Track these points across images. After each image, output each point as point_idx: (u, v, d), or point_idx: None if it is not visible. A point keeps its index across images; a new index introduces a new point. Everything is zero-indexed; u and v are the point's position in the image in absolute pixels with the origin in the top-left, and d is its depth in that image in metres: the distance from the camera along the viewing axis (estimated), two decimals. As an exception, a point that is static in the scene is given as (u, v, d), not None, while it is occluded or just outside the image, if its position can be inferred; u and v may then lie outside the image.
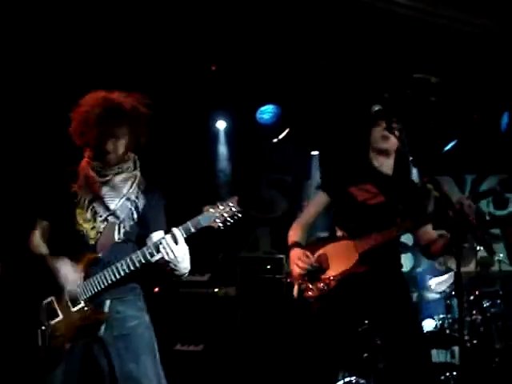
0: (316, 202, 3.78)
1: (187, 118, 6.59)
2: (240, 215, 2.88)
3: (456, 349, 5.59)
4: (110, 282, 2.89)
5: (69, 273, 2.93)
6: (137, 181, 3.13)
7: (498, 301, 5.73)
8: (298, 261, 3.48)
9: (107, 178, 3.06)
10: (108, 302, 2.96)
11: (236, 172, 7.38)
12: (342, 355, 3.93)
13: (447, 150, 7.65)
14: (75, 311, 2.90)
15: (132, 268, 2.88)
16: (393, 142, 3.53)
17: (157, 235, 3.06)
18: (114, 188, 3.06)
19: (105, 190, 3.05)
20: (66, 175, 3.14)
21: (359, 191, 3.55)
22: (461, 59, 6.16)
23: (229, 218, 2.86)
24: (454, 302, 5.61)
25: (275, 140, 7.06)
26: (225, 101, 6.70)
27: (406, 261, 7.99)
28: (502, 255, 6.22)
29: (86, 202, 3.05)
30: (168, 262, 2.85)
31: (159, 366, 3.02)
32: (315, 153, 7.67)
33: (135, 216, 3.07)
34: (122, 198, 3.06)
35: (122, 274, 2.88)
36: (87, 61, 5.60)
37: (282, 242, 3.94)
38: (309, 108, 6.55)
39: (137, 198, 3.09)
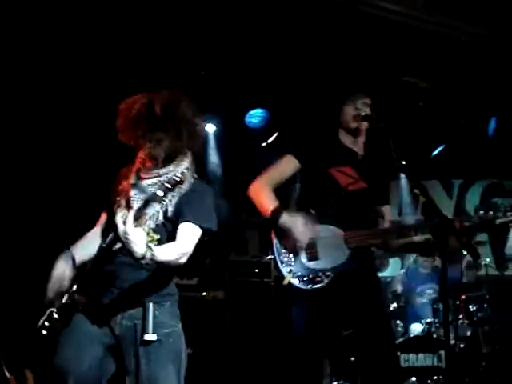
0: (284, 165, 3.46)
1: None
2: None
3: (443, 353, 5.61)
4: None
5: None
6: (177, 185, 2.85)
7: (485, 305, 5.77)
8: (306, 227, 3.16)
9: (137, 180, 2.98)
10: (151, 305, 2.86)
11: (225, 176, 7.38)
12: (330, 359, 3.83)
13: (435, 155, 7.71)
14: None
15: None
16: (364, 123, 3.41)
17: (182, 227, 2.85)
18: (141, 190, 2.93)
19: (132, 192, 2.95)
20: (118, 177, 3.09)
21: (340, 174, 3.35)
22: (449, 65, 6.22)
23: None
24: (441, 305, 5.63)
25: (264, 144, 7.06)
26: (214, 105, 6.70)
27: (394, 264, 8.02)
28: (488, 259, 6.26)
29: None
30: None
31: (182, 379, 2.93)
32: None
33: (161, 217, 2.89)
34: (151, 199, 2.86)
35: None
36: (79, 63, 5.60)
37: (270, 246, 3.58)
38: (298, 113, 6.57)
39: (170, 200, 2.88)
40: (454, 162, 7.75)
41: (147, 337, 2.83)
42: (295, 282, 3.21)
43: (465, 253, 5.80)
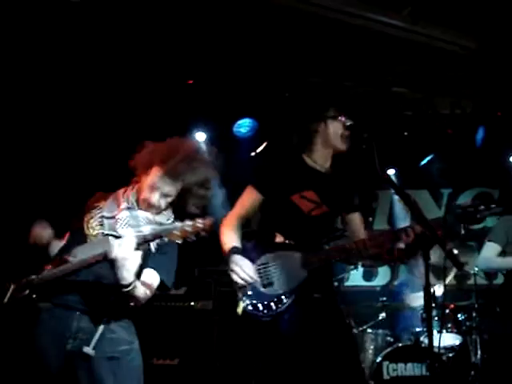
0: (249, 198, 3.44)
1: (165, 131, 6.56)
2: (205, 234, 2.74)
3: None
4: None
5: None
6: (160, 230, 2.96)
7: (474, 314, 5.76)
8: (245, 270, 3.17)
9: (135, 207, 3.03)
10: (105, 320, 2.89)
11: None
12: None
13: (424, 164, 7.73)
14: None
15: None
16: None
17: (148, 271, 2.97)
18: (134, 218, 3.00)
19: (124, 214, 3.00)
20: (98, 196, 3.16)
21: (302, 201, 3.33)
22: (436, 75, 6.25)
23: (193, 235, 2.75)
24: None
25: (253, 154, 7.06)
26: (202, 114, 6.71)
27: (383, 274, 8.03)
28: (477, 268, 6.26)
29: (99, 215, 3.03)
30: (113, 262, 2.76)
31: None
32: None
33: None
34: (137, 232, 2.95)
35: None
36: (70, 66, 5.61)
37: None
38: (286, 122, 6.58)
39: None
40: (443, 172, 7.77)
41: (85, 349, 2.82)
42: (250, 309, 3.19)
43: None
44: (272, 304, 3.14)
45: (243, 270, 3.17)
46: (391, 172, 7.55)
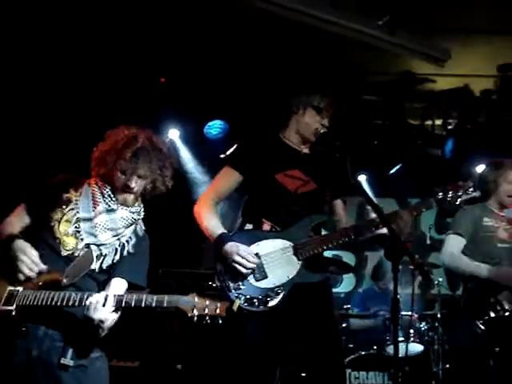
0: (226, 179, 3.36)
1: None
2: (221, 322, 2.62)
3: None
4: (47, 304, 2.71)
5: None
6: (137, 227, 3.02)
7: (436, 324, 5.80)
8: (246, 257, 3.03)
9: (113, 208, 2.93)
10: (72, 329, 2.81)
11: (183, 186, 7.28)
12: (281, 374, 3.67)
13: (392, 174, 7.79)
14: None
15: (64, 304, 2.71)
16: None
17: (116, 282, 2.92)
18: (113, 221, 2.92)
19: (103, 218, 2.93)
20: (63, 180, 3.02)
21: (287, 179, 3.25)
22: (411, 86, 6.30)
23: (208, 318, 2.62)
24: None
25: (223, 156, 7.02)
26: (173, 115, 6.68)
27: (348, 281, 8.05)
28: (441, 279, 6.30)
29: (75, 217, 2.92)
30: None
31: None
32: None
33: (117, 257, 2.93)
34: (116, 235, 2.93)
35: (58, 304, 2.70)
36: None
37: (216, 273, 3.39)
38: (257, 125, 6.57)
39: (127, 241, 2.97)
40: (410, 181, 7.82)
41: (63, 361, 2.75)
42: (246, 305, 3.05)
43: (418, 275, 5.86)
44: (268, 298, 3.05)
45: (246, 256, 3.04)
46: (363, 178, 7.61)
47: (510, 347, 3.96)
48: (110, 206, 2.94)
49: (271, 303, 3.06)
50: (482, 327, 3.99)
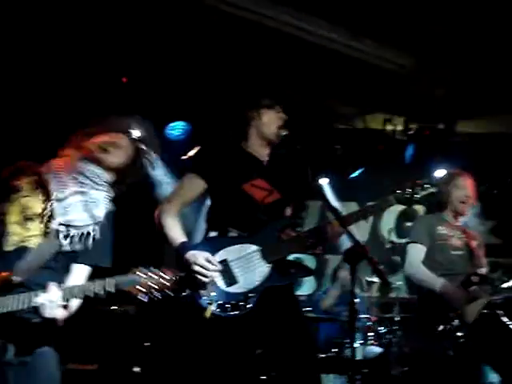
0: (190, 187, 3.32)
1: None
2: (171, 293, 2.59)
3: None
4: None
5: None
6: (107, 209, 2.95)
7: (395, 327, 5.86)
8: (205, 266, 3.00)
9: (84, 190, 2.87)
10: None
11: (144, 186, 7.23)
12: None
13: (353, 177, 7.86)
14: None
15: (23, 307, 2.61)
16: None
17: (77, 269, 2.88)
18: (85, 202, 2.86)
19: (77, 199, 2.85)
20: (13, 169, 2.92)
21: (254, 189, 3.24)
22: (373, 91, 6.37)
23: (155, 291, 2.59)
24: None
25: (184, 157, 6.99)
26: (138, 113, 6.62)
27: (308, 284, 8.09)
28: (399, 282, 6.38)
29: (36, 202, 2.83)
30: None
31: None
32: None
33: (89, 242, 2.87)
34: (91, 218, 2.86)
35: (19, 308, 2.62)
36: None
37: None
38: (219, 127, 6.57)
39: (96, 224, 2.90)
40: (371, 185, 7.90)
41: (5, 358, 2.69)
42: (218, 311, 3.01)
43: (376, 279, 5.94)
44: (240, 303, 3.02)
45: (204, 265, 3.00)
46: (325, 181, 7.66)
47: (462, 353, 4.05)
48: (83, 180, 2.89)
49: (242, 308, 3.03)
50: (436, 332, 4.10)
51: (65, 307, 2.67)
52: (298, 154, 3.22)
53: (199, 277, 3.01)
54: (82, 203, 2.86)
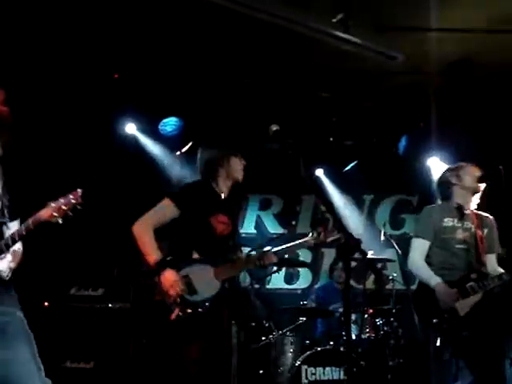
0: (167, 210, 3.93)
1: (92, 120, 6.42)
2: (79, 207, 2.93)
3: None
4: None
5: None
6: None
7: (392, 319, 5.87)
8: (176, 283, 3.72)
9: None
10: None
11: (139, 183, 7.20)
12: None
13: (347, 171, 7.87)
14: None
15: None
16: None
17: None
18: None
19: None
20: None
21: (217, 223, 3.93)
22: (361, 83, 6.36)
23: (68, 211, 2.92)
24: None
25: (178, 153, 6.99)
26: (128, 112, 6.62)
27: (305, 277, 8.10)
28: (395, 274, 6.39)
29: None
30: None
31: (36, 354, 2.99)
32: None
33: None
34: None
35: None
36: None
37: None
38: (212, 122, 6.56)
39: None
40: (365, 178, 7.91)
41: None
42: (180, 314, 3.75)
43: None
44: (198, 308, 3.78)
45: (178, 284, 3.72)
46: (320, 172, 7.67)
47: (460, 344, 4.10)
48: None
49: (200, 311, 3.77)
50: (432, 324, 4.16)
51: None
52: (290, 148, 3.25)
53: (171, 292, 3.73)
54: None
